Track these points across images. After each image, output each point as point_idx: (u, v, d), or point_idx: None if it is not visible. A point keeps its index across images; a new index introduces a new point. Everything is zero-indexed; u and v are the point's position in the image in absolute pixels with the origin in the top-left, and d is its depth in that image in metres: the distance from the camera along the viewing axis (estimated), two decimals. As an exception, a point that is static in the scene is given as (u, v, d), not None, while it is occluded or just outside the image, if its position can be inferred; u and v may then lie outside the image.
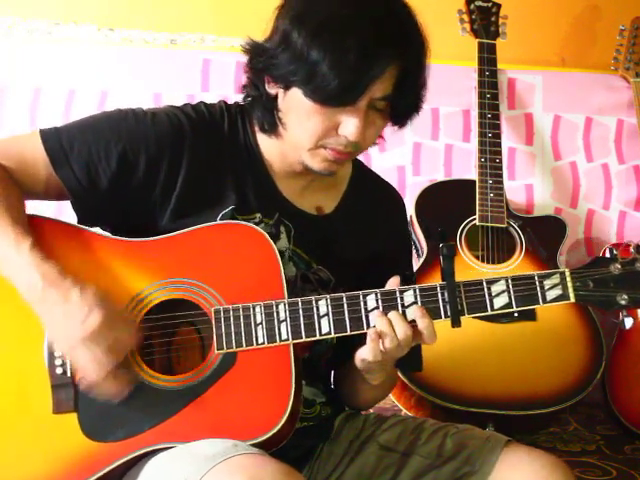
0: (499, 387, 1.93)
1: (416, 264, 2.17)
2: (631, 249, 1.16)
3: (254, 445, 1.07)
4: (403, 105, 1.17)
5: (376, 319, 1.12)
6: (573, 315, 2.06)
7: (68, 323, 1.06)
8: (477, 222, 2.15)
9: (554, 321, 2.03)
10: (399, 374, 1.91)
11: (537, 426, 2.03)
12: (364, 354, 1.14)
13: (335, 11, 1.09)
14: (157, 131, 1.19)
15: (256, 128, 1.25)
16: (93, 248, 1.16)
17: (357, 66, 1.07)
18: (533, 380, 1.96)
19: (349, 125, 1.12)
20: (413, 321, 1.14)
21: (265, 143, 1.25)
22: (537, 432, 2.03)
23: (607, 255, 1.16)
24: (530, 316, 2.02)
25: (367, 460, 1.27)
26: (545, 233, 2.22)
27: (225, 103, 1.28)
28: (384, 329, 1.11)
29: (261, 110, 1.20)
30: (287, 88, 1.14)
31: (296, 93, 1.12)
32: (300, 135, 1.16)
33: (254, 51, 1.18)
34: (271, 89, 1.17)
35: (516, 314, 2.01)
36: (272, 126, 1.20)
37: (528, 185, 2.53)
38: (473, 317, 1.97)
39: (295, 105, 1.14)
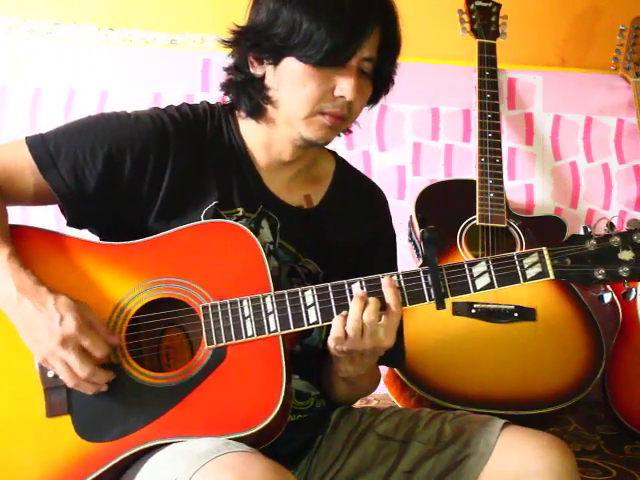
0: (499, 387, 1.93)
1: (416, 264, 2.18)
2: (604, 226, 1.20)
3: (248, 437, 1.08)
4: (383, 69, 1.23)
5: (353, 298, 1.14)
6: (573, 315, 2.06)
7: (42, 330, 1.08)
8: (477, 222, 2.15)
9: (554, 321, 2.03)
10: (399, 373, 1.91)
11: (537, 426, 2.02)
12: (328, 339, 1.16)
13: None
14: (141, 132, 1.21)
15: (240, 121, 1.28)
16: (78, 254, 1.17)
17: (350, 27, 1.15)
18: (533, 380, 1.96)
19: (345, 85, 1.17)
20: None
21: (251, 135, 1.27)
22: (537, 432, 2.03)
23: (582, 233, 1.20)
24: (530, 316, 2.02)
25: (367, 450, 1.28)
26: (545, 233, 2.22)
27: (208, 103, 1.31)
28: (352, 308, 1.13)
29: (247, 93, 1.23)
30: (277, 62, 1.18)
31: (289, 63, 1.17)
32: (296, 104, 1.19)
33: (242, 33, 1.23)
34: (257, 70, 1.21)
35: (516, 314, 2.01)
36: (260, 108, 1.23)
37: (528, 185, 2.53)
38: (472, 317, 1.99)
39: (289, 75, 1.18)
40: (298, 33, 1.14)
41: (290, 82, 1.18)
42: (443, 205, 2.25)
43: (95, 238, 1.27)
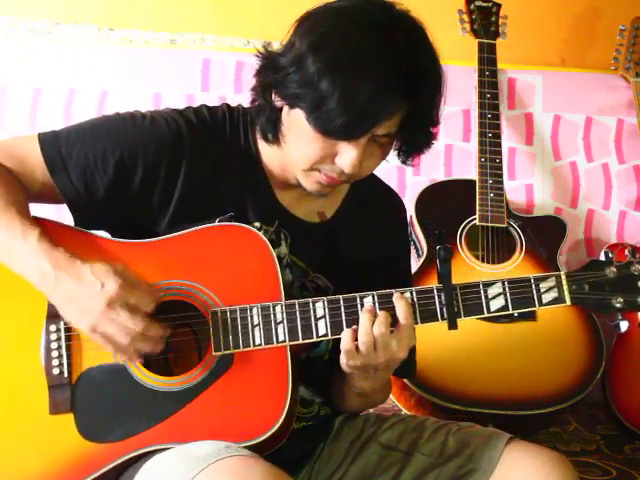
0: (499, 387, 1.93)
1: (416, 264, 2.18)
2: (626, 252, 1.17)
3: (251, 446, 1.07)
4: (407, 144, 1.18)
5: (361, 314, 1.12)
6: (573, 315, 2.06)
7: (86, 300, 1.06)
8: (477, 222, 2.15)
9: (554, 321, 2.03)
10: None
11: (537, 426, 2.03)
12: (341, 347, 1.14)
13: (352, 48, 1.07)
14: (155, 136, 1.18)
15: (258, 135, 1.24)
16: (91, 249, 1.15)
17: (365, 109, 1.07)
18: (533, 380, 1.96)
19: (346, 158, 1.12)
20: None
21: (266, 150, 1.24)
22: (537, 432, 2.03)
23: (602, 258, 1.17)
24: (530, 316, 2.02)
25: (369, 460, 1.27)
26: (545, 233, 2.22)
27: (228, 106, 1.27)
28: (362, 322, 1.11)
29: (265, 119, 1.19)
30: (292, 107, 1.13)
31: (299, 115, 1.11)
32: (297, 155, 1.16)
33: (267, 62, 1.16)
34: (277, 101, 1.16)
35: (516, 314, 2.01)
36: (274, 136, 1.19)
37: (528, 185, 2.53)
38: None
39: (296, 125, 1.13)
40: (312, 94, 1.07)
41: (296, 132, 1.14)
42: (443, 205, 2.25)
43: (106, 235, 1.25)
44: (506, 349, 1.99)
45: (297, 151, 1.16)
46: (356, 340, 1.11)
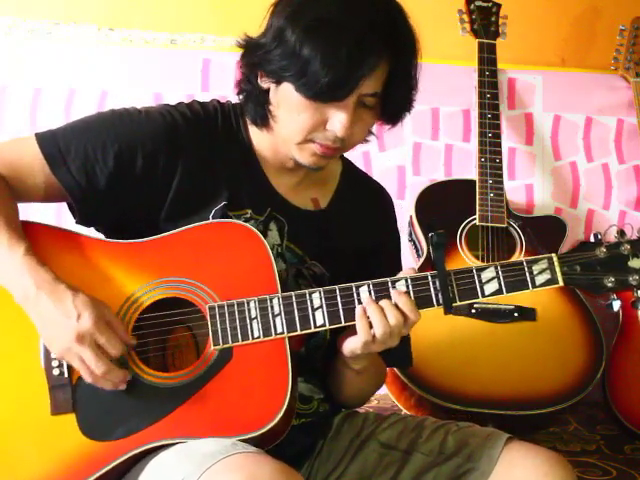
0: (499, 387, 1.93)
1: (416, 264, 2.18)
2: (614, 233, 1.19)
3: (252, 439, 1.08)
4: (392, 102, 1.20)
5: (368, 307, 1.14)
6: (573, 315, 2.06)
7: (60, 325, 1.07)
8: (477, 222, 2.15)
9: (554, 321, 2.03)
10: (399, 373, 1.92)
11: (537, 426, 2.03)
12: (353, 344, 1.16)
13: (328, 10, 1.12)
14: (152, 129, 1.20)
15: (249, 124, 1.27)
16: (86, 251, 1.16)
17: (347, 64, 1.10)
18: (533, 380, 1.96)
19: (336, 121, 1.15)
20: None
21: (258, 138, 1.27)
22: (537, 432, 2.03)
23: (592, 240, 1.20)
24: (530, 316, 2.02)
25: (368, 458, 1.27)
26: (545, 233, 2.22)
27: (218, 101, 1.31)
28: (376, 316, 1.13)
29: (253, 103, 1.23)
30: (278, 83, 1.17)
31: (287, 88, 1.15)
32: (289, 129, 1.19)
33: (249, 46, 1.21)
34: (263, 83, 1.20)
35: (516, 314, 2.01)
36: (264, 119, 1.23)
37: (528, 185, 2.53)
38: (472, 317, 1.99)
39: (286, 100, 1.17)
40: (296, 62, 1.11)
41: (286, 106, 1.17)
42: (443, 205, 2.25)
43: (101, 236, 1.26)
44: (506, 349, 1.99)
45: (289, 125, 1.18)
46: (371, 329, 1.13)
